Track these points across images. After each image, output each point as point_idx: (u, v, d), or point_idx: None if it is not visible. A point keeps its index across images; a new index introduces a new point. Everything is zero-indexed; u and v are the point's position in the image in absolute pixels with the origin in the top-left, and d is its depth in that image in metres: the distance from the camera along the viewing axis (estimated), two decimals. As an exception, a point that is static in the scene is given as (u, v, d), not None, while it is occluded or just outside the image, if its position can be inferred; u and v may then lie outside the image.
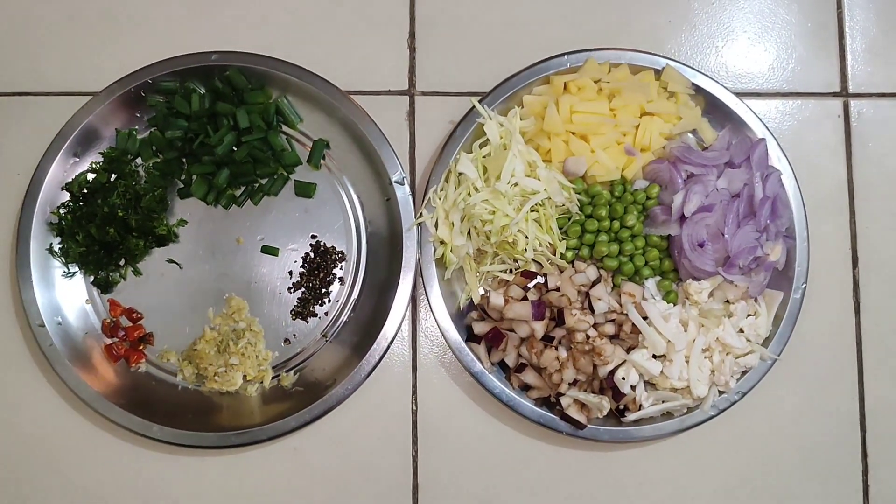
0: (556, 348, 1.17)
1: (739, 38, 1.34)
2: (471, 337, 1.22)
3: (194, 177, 1.25)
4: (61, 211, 1.23)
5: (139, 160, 1.26)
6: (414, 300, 1.25)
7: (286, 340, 1.25)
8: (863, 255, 1.29)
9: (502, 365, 1.22)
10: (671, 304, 1.20)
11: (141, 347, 1.24)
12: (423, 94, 1.30)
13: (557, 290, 1.18)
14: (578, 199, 1.22)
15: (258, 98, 1.25)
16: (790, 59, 1.33)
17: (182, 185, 1.26)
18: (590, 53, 1.24)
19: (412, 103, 1.30)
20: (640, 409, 1.18)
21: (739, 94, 1.26)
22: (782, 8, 1.34)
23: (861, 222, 1.30)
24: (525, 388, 1.21)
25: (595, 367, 1.17)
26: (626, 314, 1.18)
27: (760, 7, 1.34)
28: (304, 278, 1.25)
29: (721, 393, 1.20)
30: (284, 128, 1.27)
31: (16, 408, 1.23)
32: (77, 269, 1.24)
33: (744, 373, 1.21)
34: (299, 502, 1.23)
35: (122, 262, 1.24)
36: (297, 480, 1.23)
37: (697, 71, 1.26)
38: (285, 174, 1.26)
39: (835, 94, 1.33)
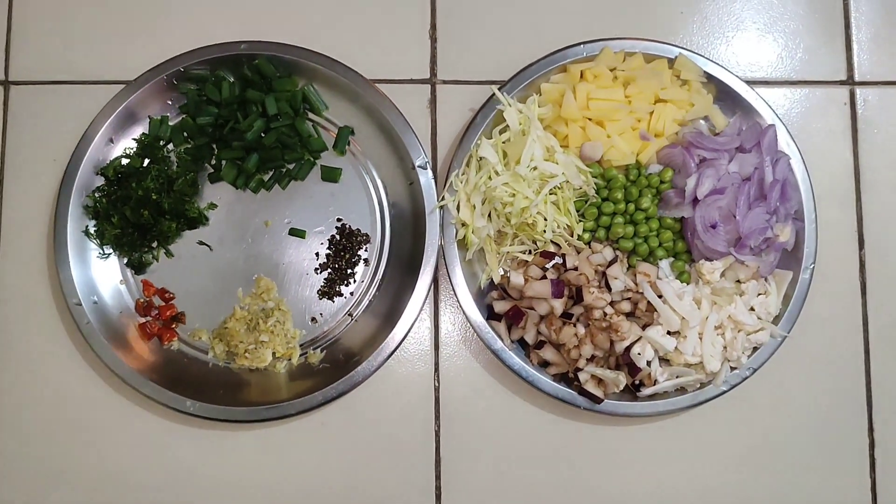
0: (575, 325, 1.22)
1: (749, 29, 1.38)
2: (491, 315, 1.26)
3: (224, 162, 1.30)
4: (96, 195, 1.27)
5: (171, 146, 1.30)
6: (436, 280, 1.30)
7: (313, 319, 1.29)
8: (869, 237, 1.34)
9: (522, 342, 1.26)
10: (685, 284, 1.25)
11: (173, 326, 1.28)
12: (444, 82, 1.35)
13: (576, 269, 1.23)
14: (595, 183, 1.26)
15: (286, 86, 1.29)
16: (798, 48, 1.38)
17: (212, 170, 1.31)
18: (605, 43, 1.29)
19: (433, 91, 1.34)
20: (654, 384, 1.22)
21: (749, 83, 1.30)
22: (790, -1, 1.39)
23: (867, 206, 1.34)
24: (544, 364, 1.25)
25: (612, 343, 1.21)
26: (642, 293, 1.22)
27: (769, -2, 1.39)
28: (331, 259, 1.29)
29: (733, 369, 1.24)
30: (311, 115, 1.32)
31: (53, 384, 1.28)
32: (112, 250, 1.28)
33: (755, 349, 1.25)
34: (326, 475, 1.27)
35: (154, 244, 1.29)
36: (323, 454, 1.27)
37: (709, 60, 1.30)
38: (312, 159, 1.31)
39: (841, 83, 1.37)
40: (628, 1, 1.37)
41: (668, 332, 1.22)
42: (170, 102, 1.31)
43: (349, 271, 1.30)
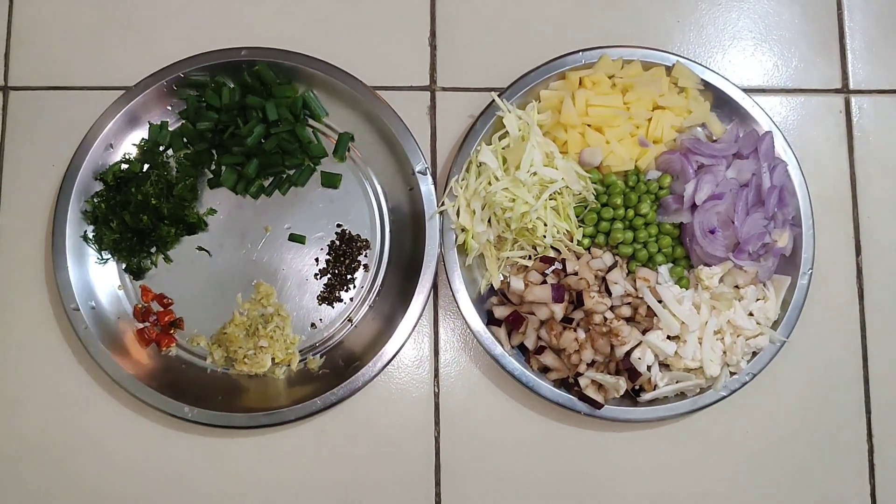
0: (575, 330, 1.22)
1: (745, 38, 1.40)
2: (491, 321, 1.26)
3: (224, 167, 1.30)
4: (95, 200, 1.27)
5: (170, 151, 1.30)
6: (436, 286, 1.30)
7: (313, 325, 1.29)
8: (865, 243, 1.35)
9: (522, 348, 1.26)
10: (684, 289, 1.25)
11: (171, 332, 1.27)
12: (444, 89, 1.35)
13: (576, 274, 1.23)
14: (594, 189, 1.27)
15: (286, 92, 1.29)
16: (793, 57, 1.40)
17: (212, 176, 1.31)
18: (604, 50, 1.30)
19: (433, 98, 1.35)
20: (655, 389, 1.22)
21: (746, 91, 1.32)
22: (785, 9, 1.40)
23: (863, 212, 1.35)
24: (544, 369, 1.25)
25: (612, 348, 1.21)
26: (642, 297, 1.22)
27: (764, 8, 1.40)
28: (330, 265, 1.29)
29: (732, 374, 1.25)
30: (311, 121, 1.32)
31: (51, 389, 1.27)
32: (110, 255, 1.28)
33: (754, 354, 1.25)
34: (326, 481, 1.26)
35: (153, 250, 1.29)
36: (323, 460, 1.26)
37: (706, 67, 1.31)
38: (312, 165, 1.31)
39: (836, 91, 1.39)
40: (626, 10, 1.38)
41: (668, 337, 1.22)
42: (169, 108, 1.31)
43: (349, 277, 1.29)
